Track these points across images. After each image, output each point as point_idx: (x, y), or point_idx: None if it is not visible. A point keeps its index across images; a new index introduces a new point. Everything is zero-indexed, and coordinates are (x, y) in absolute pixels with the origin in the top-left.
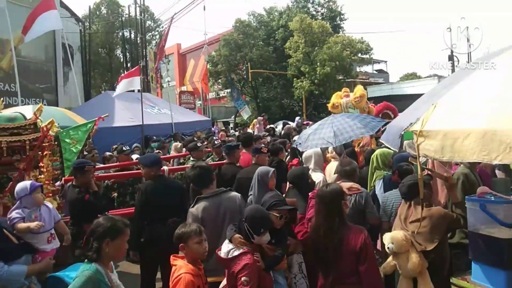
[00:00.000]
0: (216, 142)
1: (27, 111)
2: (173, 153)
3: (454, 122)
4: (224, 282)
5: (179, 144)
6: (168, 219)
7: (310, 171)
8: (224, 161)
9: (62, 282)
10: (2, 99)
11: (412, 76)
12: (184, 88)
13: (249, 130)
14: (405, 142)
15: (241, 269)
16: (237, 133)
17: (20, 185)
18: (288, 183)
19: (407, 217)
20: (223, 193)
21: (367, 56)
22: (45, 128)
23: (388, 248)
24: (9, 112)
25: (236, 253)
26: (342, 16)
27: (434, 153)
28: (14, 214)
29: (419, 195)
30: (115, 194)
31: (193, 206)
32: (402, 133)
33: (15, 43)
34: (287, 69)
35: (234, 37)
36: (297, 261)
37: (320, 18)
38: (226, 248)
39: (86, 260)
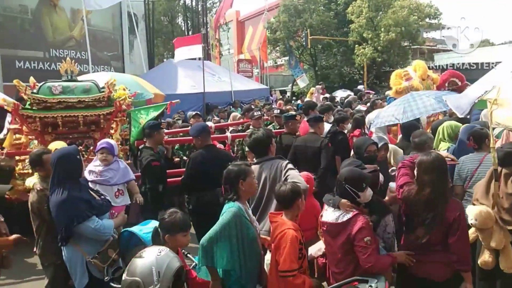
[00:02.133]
0: (275, 111)
1: (100, 78)
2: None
3: None
4: (317, 246)
5: (238, 115)
6: (217, 188)
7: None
8: (283, 130)
9: (134, 235)
10: (76, 64)
11: (484, 43)
12: (242, 57)
13: (307, 99)
14: (482, 112)
15: (359, 230)
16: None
17: (114, 143)
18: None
19: (496, 189)
20: (269, 160)
21: (436, 21)
22: (118, 103)
23: (471, 223)
24: (83, 79)
25: (348, 216)
26: None
27: (506, 121)
28: (90, 166)
29: None
30: (177, 159)
31: None
32: (476, 101)
33: (86, 13)
34: (348, 36)
35: (294, 3)
36: (391, 220)
37: None
38: (333, 215)
39: (228, 201)
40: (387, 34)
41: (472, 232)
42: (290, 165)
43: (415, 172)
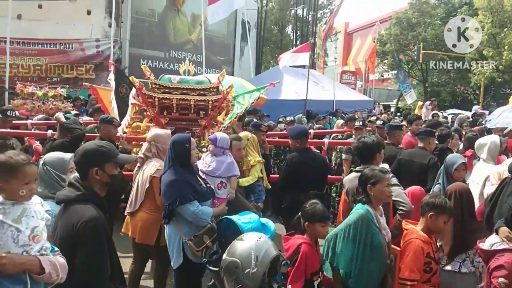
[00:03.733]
0: (378, 122)
1: (212, 77)
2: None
3: None
4: None
5: (341, 122)
6: (310, 191)
7: (480, 161)
8: (385, 141)
9: (232, 223)
10: (193, 65)
11: None
12: (346, 68)
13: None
14: None
15: (498, 266)
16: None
17: (220, 135)
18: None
19: None
20: None
21: None
22: (225, 91)
23: None
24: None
25: (501, 247)
26: None
27: None
28: (204, 155)
29: None
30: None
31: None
32: None
33: (204, 18)
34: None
35: (407, 15)
36: None
37: None
38: (491, 240)
39: (359, 203)
40: (511, 52)
41: None
42: (395, 179)
43: None
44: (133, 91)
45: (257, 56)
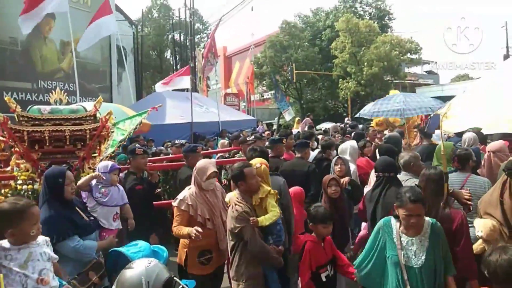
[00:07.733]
0: (251, 136)
1: (88, 105)
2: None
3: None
4: None
5: (225, 142)
6: None
7: None
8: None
9: (122, 255)
10: (65, 94)
11: (464, 78)
12: (229, 91)
13: (294, 130)
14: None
15: None
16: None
17: (103, 163)
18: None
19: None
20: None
21: (416, 56)
22: (103, 119)
23: (477, 235)
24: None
25: None
26: (390, 16)
27: (449, 128)
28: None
29: None
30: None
31: None
32: (432, 114)
33: (75, 45)
34: (332, 70)
35: (279, 38)
36: None
37: (368, 17)
38: None
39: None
40: (370, 68)
41: (479, 244)
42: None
43: None
44: None
45: (137, 81)
